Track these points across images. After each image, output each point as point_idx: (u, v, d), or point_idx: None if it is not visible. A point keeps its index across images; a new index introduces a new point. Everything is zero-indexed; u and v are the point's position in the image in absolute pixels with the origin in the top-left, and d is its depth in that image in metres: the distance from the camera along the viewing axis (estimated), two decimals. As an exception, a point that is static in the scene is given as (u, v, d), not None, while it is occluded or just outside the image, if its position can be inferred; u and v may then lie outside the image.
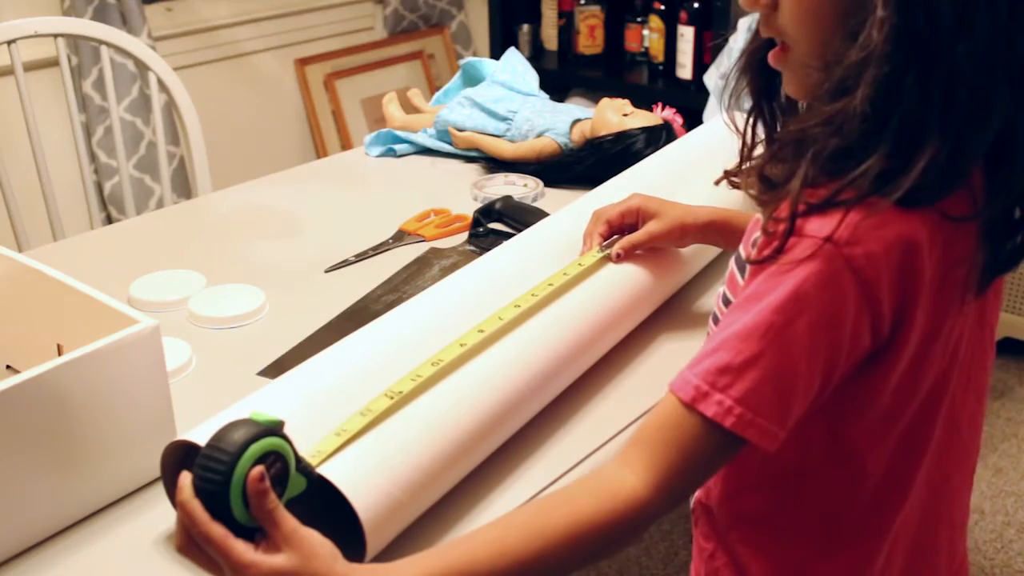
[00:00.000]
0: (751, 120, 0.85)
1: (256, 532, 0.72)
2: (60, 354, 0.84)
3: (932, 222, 0.71)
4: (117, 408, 0.85)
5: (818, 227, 0.70)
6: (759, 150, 0.85)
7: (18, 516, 0.82)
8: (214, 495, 0.70)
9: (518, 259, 1.10)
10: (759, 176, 0.75)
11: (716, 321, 0.86)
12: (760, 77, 0.82)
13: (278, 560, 0.70)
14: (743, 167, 0.85)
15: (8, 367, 1.04)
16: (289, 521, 0.71)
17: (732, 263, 0.86)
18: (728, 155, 0.90)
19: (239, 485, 0.70)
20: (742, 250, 0.83)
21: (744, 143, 0.85)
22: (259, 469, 0.71)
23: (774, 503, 0.85)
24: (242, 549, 0.70)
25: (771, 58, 0.78)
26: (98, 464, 0.86)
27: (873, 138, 0.69)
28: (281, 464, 0.73)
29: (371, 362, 0.90)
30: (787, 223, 0.71)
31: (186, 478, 0.72)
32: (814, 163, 0.71)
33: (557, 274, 1.03)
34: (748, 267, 0.76)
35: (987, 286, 0.78)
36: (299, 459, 0.75)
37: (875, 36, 0.67)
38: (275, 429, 0.73)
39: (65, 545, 0.84)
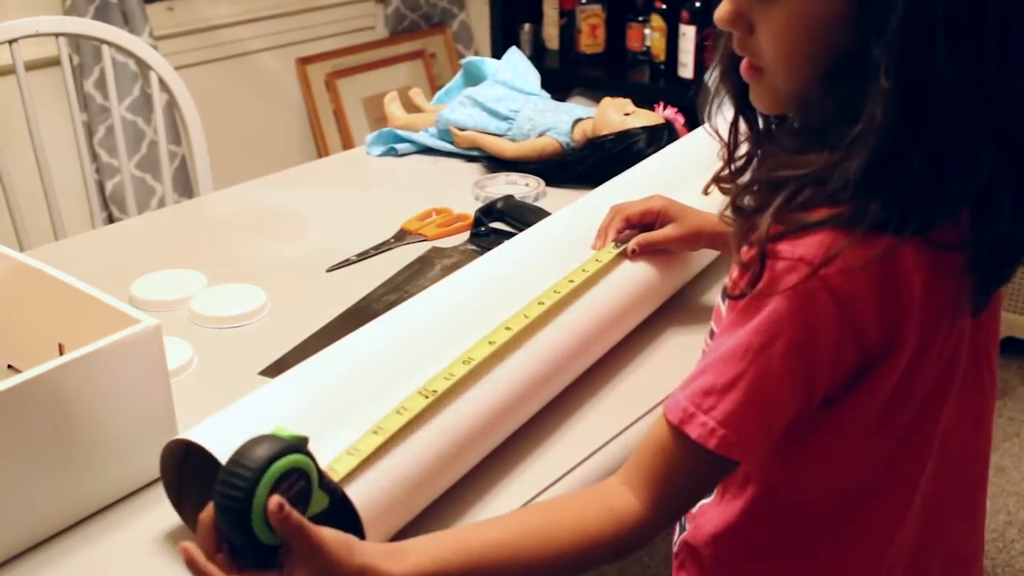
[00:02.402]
0: (735, 127, 0.83)
1: (278, 549, 0.71)
2: (61, 354, 0.84)
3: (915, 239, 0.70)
4: (118, 408, 0.85)
5: (792, 249, 0.70)
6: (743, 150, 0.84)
7: (19, 516, 0.82)
8: (236, 512, 0.68)
9: (517, 259, 1.10)
10: (733, 205, 0.75)
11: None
12: (740, 84, 0.79)
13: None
14: (729, 172, 0.84)
15: (9, 367, 1.04)
16: (308, 537, 0.69)
17: (719, 299, 0.85)
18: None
19: (261, 503, 0.68)
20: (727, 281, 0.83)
21: (728, 149, 0.84)
22: (276, 500, 0.68)
23: (766, 541, 0.84)
24: None
25: (742, 71, 0.77)
26: (99, 464, 0.86)
27: (862, 196, 0.68)
28: (305, 482, 0.71)
29: (372, 361, 0.90)
30: (758, 253, 0.70)
31: (210, 511, 0.71)
32: (788, 201, 0.71)
33: (576, 271, 1.03)
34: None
35: (986, 302, 0.77)
36: (322, 475, 0.73)
37: (878, 113, 0.66)
38: (299, 446, 0.71)
39: (66, 545, 0.84)
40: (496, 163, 1.58)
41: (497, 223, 1.36)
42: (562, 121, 1.55)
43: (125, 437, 0.86)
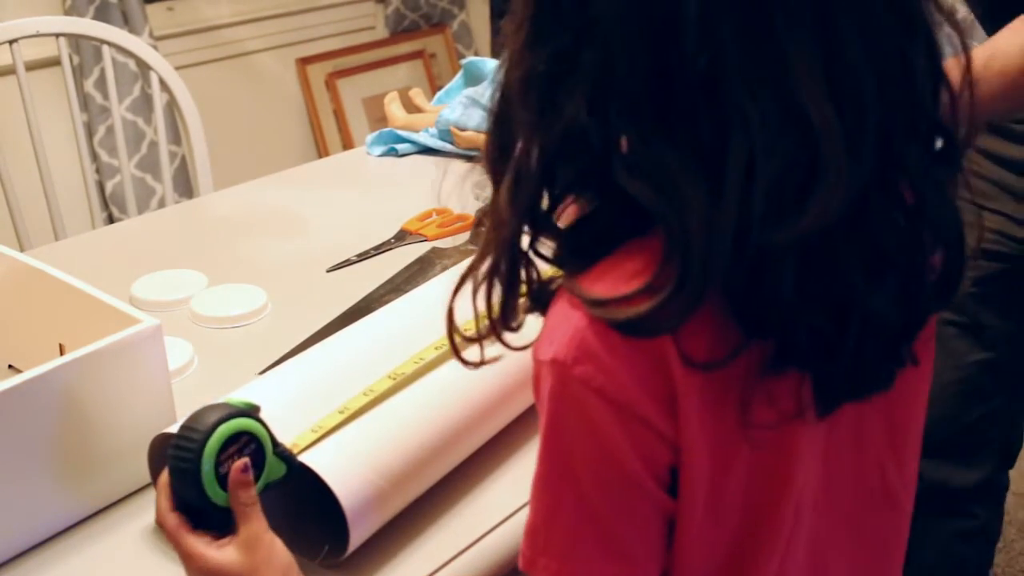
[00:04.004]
0: None
1: (228, 514, 0.73)
2: (62, 354, 0.84)
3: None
4: (119, 408, 0.85)
5: (545, 347, 0.61)
6: None
7: (20, 516, 0.82)
8: (186, 474, 0.72)
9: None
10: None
11: None
12: None
13: (227, 558, 0.71)
14: None
15: (10, 367, 1.04)
16: (258, 524, 0.72)
17: None
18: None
19: (210, 465, 0.72)
20: None
21: None
22: (243, 461, 0.72)
23: None
24: (192, 541, 0.72)
25: None
26: (100, 464, 0.86)
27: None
28: (256, 446, 0.74)
29: (353, 357, 0.91)
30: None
31: (165, 475, 0.74)
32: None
33: None
34: None
35: (826, 411, 0.62)
36: (277, 444, 0.76)
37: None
38: (248, 411, 0.74)
39: (67, 545, 0.84)
40: (496, 163, 1.58)
41: (497, 223, 1.36)
42: (562, 121, 1.55)
43: (126, 437, 0.86)
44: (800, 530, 0.68)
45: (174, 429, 0.80)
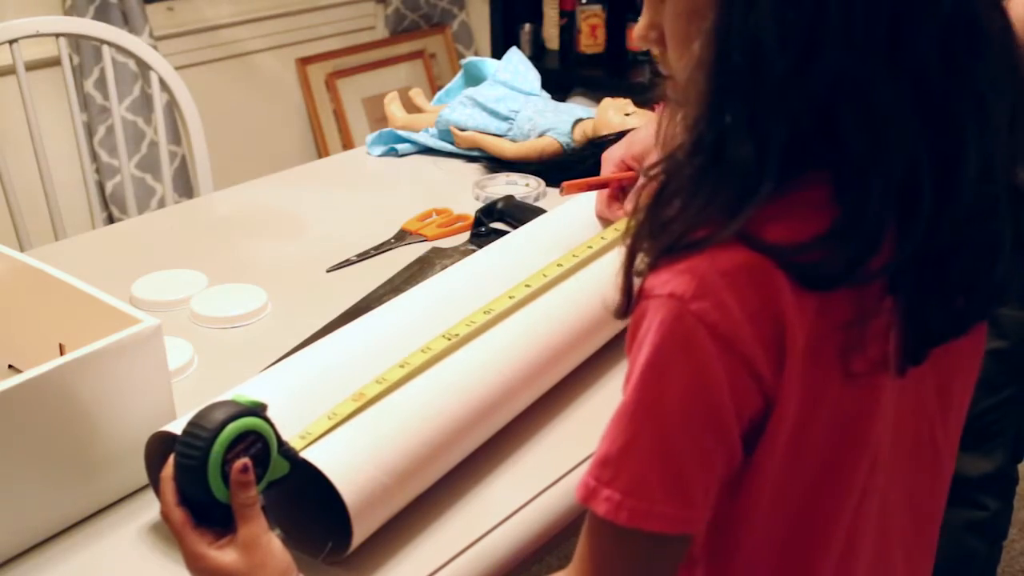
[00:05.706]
0: None
1: (230, 510, 0.74)
2: (62, 354, 0.84)
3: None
4: (119, 407, 0.85)
5: (661, 283, 0.63)
6: None
7: (20, 516, 0.82)
8: (193, 471, 0.72)
9: (509, 256, 1.10)
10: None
11: None
12: None
13: (227, 559, 0.72)
14: None
15: (10, 367, 1.04)
16: (257, 525, 0.73)
17: None
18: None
19: (217, 463, 0.72)
20: None
21: None
22: (243, 461, 0.73)
23: None
24: (194, 539, 0.72)
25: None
26: (100, 464, 0.86)
27: (704, 201, 0.62)
28: (262, 444, 0.75)
29: (359, 356, 0.91)
30: (623, 287, 0.66)
31: (169, 468, 0.74)
32: (655, 223, 0.65)
33: (566, 255, 1.04)
34: None
35: (913, 360, 0.67)
36: (281, 442, 0.76)
37: (693, 89, 0.63)
38: (256, 410, 0.75)
39: (67, 545, 0.84)
40: (496, 163, 1.58)
41: (497, 223, 1.36)
42: (562, 121, 1.55)
43: (126, 437, 0.86)
44: (872, 490, 0.70)
45: (170, 428, 0.81)
